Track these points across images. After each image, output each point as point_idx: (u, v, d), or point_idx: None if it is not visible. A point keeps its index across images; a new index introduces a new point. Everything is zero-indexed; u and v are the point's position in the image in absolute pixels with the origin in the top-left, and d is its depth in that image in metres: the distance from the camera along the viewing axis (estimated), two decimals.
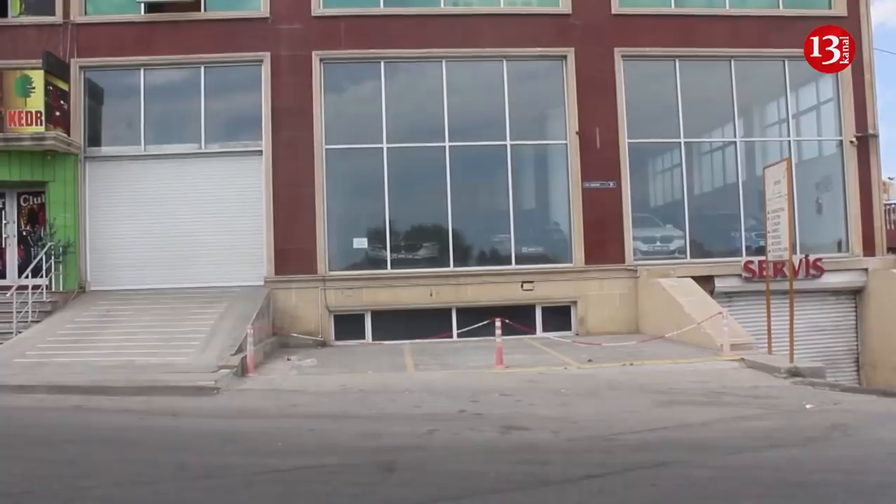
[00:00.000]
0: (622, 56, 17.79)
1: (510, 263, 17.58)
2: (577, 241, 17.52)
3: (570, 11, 17.79)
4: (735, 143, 18.37)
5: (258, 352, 13.63)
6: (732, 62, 17.98)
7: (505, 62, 17.81)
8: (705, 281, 16.80)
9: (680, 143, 18.11)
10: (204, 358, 12.93)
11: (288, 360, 14.44)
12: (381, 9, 17.86)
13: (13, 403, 10.41)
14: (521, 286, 17.25)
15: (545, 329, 17.21)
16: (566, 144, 17.76)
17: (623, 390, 10.62)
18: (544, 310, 17.48)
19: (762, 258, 15.08)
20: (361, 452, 7.35)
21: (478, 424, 8.54)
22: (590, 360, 13.24)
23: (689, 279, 16.44)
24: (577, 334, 17.25)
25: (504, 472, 6.54)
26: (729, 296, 17.07)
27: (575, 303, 17.47)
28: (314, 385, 11.64)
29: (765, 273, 14.49)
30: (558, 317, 17.50)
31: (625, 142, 17.69)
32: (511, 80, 17.84)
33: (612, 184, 17.63)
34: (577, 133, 17.55)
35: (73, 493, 6.08)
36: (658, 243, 18.20)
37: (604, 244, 17.51)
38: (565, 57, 17.74)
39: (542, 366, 12.91)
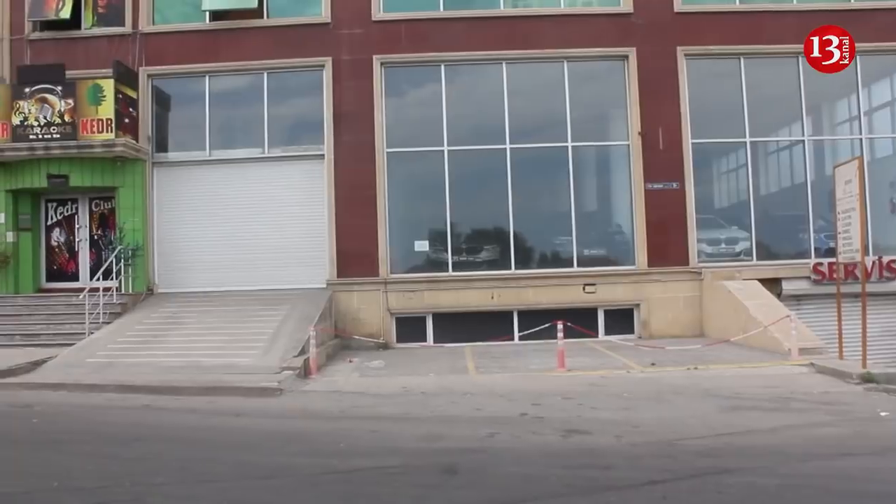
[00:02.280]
0: (685, 55, 17.49)
1: (572, 266, 17.43)
2: (640, 243, 17.29)
3: (632, 10, 17.57)
4: (803, 141, 17.90)
5: (321, 354, 13.75)
6: (800, 59, 17.47)
7: (566, 63, 17.68)
8: (772, 283, 16.41)
9: (745, 142, 17.72)
10: (267, 359, 13.10)
11: (350, 361, 14.54)
12: (441, 12, 17.90)
13: (85, 402, 10.71)
14: (583, 289, 17.09)
15: (607, 332, 17.02)
16: (628, 145, 17.55)
17: (687, 395, 10.41)
18: (606, 313, 17.29)
19: (832, 260, 14.64)
20: (423, 454, 7.36)
21: (539, 428, 8.47)
22: (653, 364, 13.04)
23: (756, 282, 16.08)
24: (640, 337, 17.00)
25: (566, 476, 6.47)
26: (797, 299, 16.62)
27: (638, 305, 17.24)
28: (376, 387, 11.70)
29: (835, 275, 14.06)
30: (621, 320, 17.27)
31: (688, 142, 17.40)
32: (572, 81, 17.70)
33: (675, 185, 17.35)
34: (639, 133, 17.33)
35: (142, 489, 6.22)
36: (723, 245, 17.84)
37: (667, 246, 17.24)
38: (627, 57, 17.53)
39: (604, 369, 12.76)
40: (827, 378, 11.46)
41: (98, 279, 16.51)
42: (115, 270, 17.07)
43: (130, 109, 17.69)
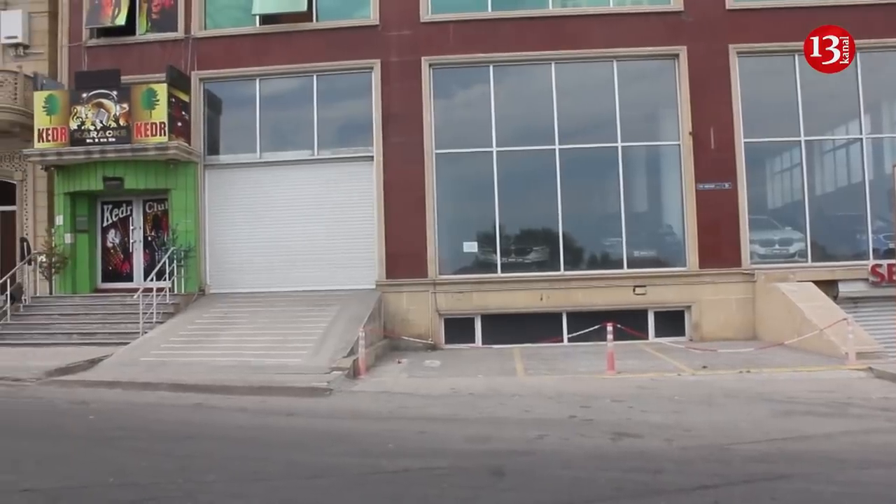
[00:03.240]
0: (737, 52, 17.19)
1: (622, 267, 17.25)
2: (691, 245, 17.04)
3: (682, 8, 17.33)
4: (861, 140, 17.46)
5: (370, 354, 13.80)
6: (859, 54, 17.03)
7: (615, 63, 17.52)
8: (828, 285, 16.04)
9: (800, 141, 17.35)
10: (317, 359, 13.19)
11: (399, 362, 14.58)
12: (490, 12, 17.87)
13: (139, 399, 10.88)
14: (633, 290, 16.91)
15: (657, 334, 16.82)
16: (679, 145, 17.31)
17: (739, 398, 10.21)
18: (657, 314, 17.06)
19: (892, 261, 14.30)
20: (471, 456, 7.33)
21: (588, 430, 8.38)
22: (704, 367, 12.82)
23: (811, 283, 15.73)
24: (691, 340, 16.74)
25: (615, 479, 6.37)
26: (854, 301, 16.23)
27: (689, 307, 16.99)
28: (424, 388, 11.69)
29: (895, 277, 13.74)
30: (671, 322, 17.04)
31: (741, 141, 17.10)
32: (621, 81, 17.52)
33: (727, 185, 17.07)
34: (690, 133, 17.09)
35: (194, 486, 6.29)
36: (777, 246, 17.50)
37: (719, 247, 16.96)
38: (677, 55, 17.30)
39: (654, 372, 12.59)
40: (886, 383, 11.14)
41: (152, 280, 16.81)
42: (167, 271, 17.35)
43: (183, 113, 17.99)
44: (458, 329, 17.25)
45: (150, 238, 18.90)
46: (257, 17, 18.47)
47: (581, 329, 16.01)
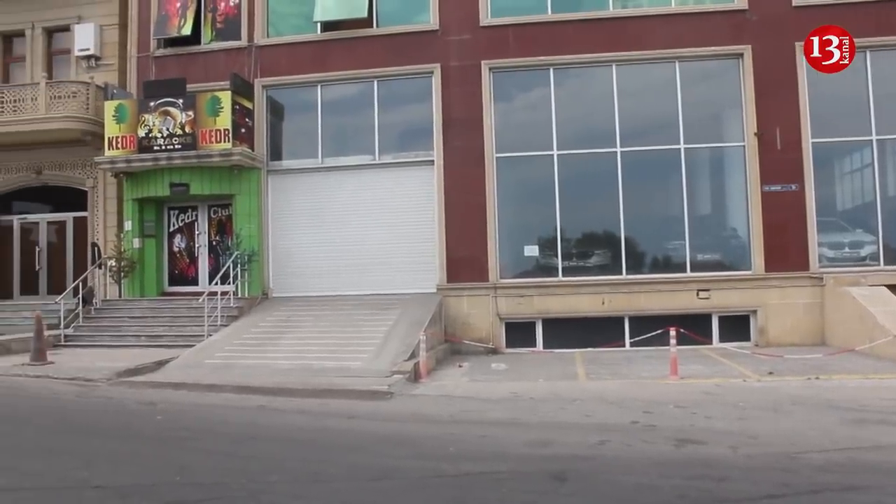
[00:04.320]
0: (804, 50, 16.77)
1: (685, 271, 16.97)
2: (757, 248, 16.67)
3: (747, 7, 16.97)
4: None
5: (430, 358, 13.83)
6: None
7: (677, 63, 17.25)
8: None
9: (871, 140, 16.80)
10: (378, 363, 13.25)
11: (460, 366, 14.57)
12: (549, 15, 17.77)
13: (204, 401, 11.08)
14: (697, 294, 16.62)
15: (722, 339, 16.47)
16: (743, 146, 16.96)
17: (807, 406, 9.91)
18: (721, 319, 16.72)
19: None
20: (532, 460, 7.27)
21: (651, 436, 8.24)
22: (770, 373, 12.51)
23: (884, 288, 15.21)
24: (757, 345, 16.36)
25: (678, 486, 6.26)
26: None
27: (754, 312, 16.61)
28: (485, 392, 11.64)
29: None
30: (736, 326, 16.67)
31: (808, 142, 16.66)
32: (684, 82, 17.25)
33: (794, 186, 16.64)
34: (755, 134, 16.72)
35: (258, 486, 6.37)
36: (846, 249, 17.00)
37: (785, 250, 16.55)
38: (741, 55, 16.95)
39: (718, 377, 12.32)
40: None
41: (216, 283, 17.09)
42: (232, 275, 17.65)
43: (246, 119, 18.31)
44: (518, 333, 17.18)
45: (214, 242, 19.28)
46: (318, 25, 18.71)
47: (643, 333, 15.78)
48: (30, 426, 9.42)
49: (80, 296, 17.94)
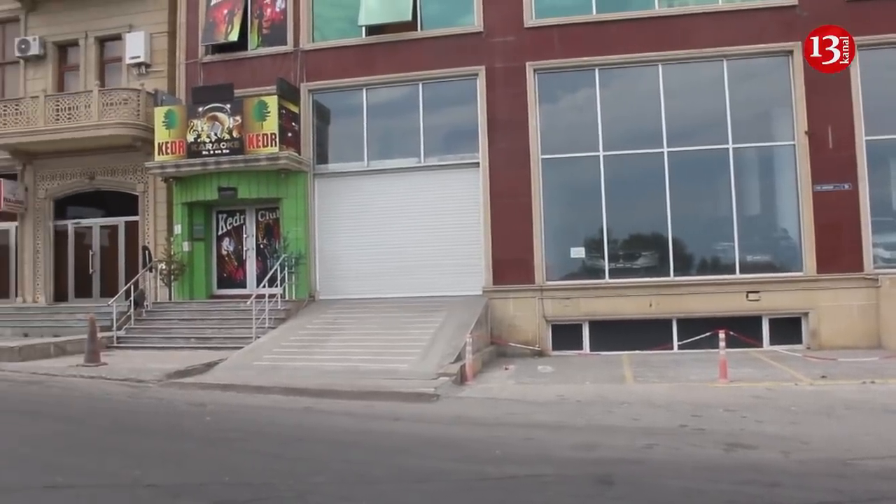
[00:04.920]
0: (858, 46, 16.28)
1: (734, 272, 16.68)
2: (808, 249, 16.33)
3: (796, 2, 16.62)
4: None
5: (476, 360, 13.81)
6: None
7: (725, 62, 16.98)
8: None
9: None
10: (424, 365, 13.27)
11: (506, 369, 14.52)
12: (594, 15, 17.64)
13: (252, 402, 11.20)
14: (746, 296, 16.33)
15: (772, 342, 16.14)
16: (794, 145, 16.63)
17: (862, 410, 9.68)
18: (771, 321, 16.37)
19: None
20: (578, 464, 7.22)
21: (699, 440, 8.12)
22: (823, 377, 12.25)
23: None
24: (809, 348, 16.01)
25: (727, 491, 6.15)
26: None
27: (806, 314, 16.26)
28: (531, 394, 11.60)
29: None
30: (787, 329, 16.32)
31: (861, 139, 16.26)
32: (732, 81, 16.96)
33: (846, 186, 16.26)
34: (805, 132, 16.39)
35: (304, 487, 6.42)
36: None
37: (838, 251, 16.18)
38: (791, 52, 16.61)
39: (769, 381, 12.11)
40: None
41: (264, 286, 17.29)
42: (279, 278, 17.81)
43: (293, 124, 18.48)
44: (565, 335, 17.06)
45: (262, 246, 19.50)
46: (363, 29, 18.82)
47: (692, 336, 15.61)
48: (84, 426, 9.64)
49: (132, 298, 18.27)
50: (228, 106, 18.15)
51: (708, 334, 14.47)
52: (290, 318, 17.21)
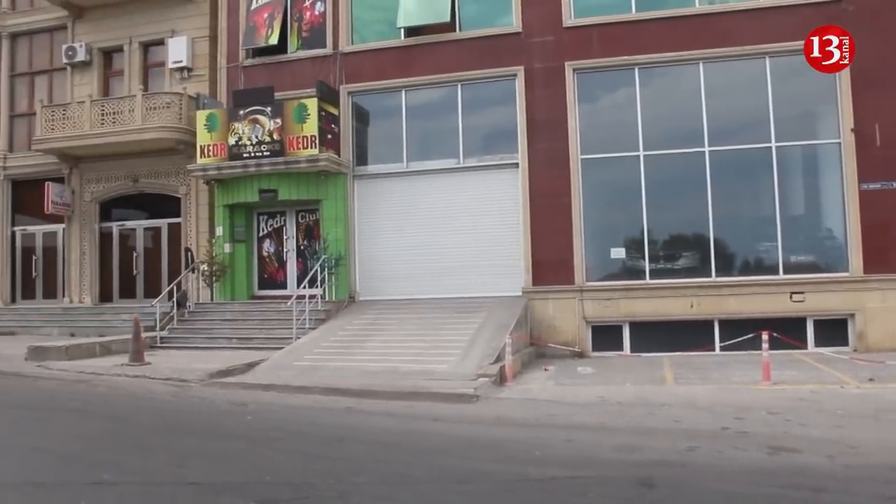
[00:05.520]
0: None
1: (777, 273, 16.42)
2: (854, 249, 16.00)
3: None
4: None
5: (516, 361, 13.76)
6: None
7: (767, 59, 16.71)
8: None
9: None
10: (464, 366, 13.26)
11: (546, 370, 14.46)
12: (633, 14, 17.49)
13: (293, 402, 11.27)
14: (790, 297, 16.07)
15: (817, 344, 15.85)
16: (839, 143, 16.31)
17: None
18: (816, 323, 16.06)
19: None
20: (619, 466, 7.18)
21: (742, 443, 8.01)
22: (871, 380, 11.97)
23: None
24: (856, 350, 15.67)
25: (772, 495, 6.07)
26: None
27: (852, 315, 15.93)
28: (571, 396, 11.53)
29: None
30: (832, 330, 15.99)
31: None
32: (774, 78, 16.67)
33: (895, 184, 15.96)
34: (852, 130, 16.06)
35: (345, 487, 6.46)
36: None
37: (886, 251, 15.83)
38: None
39: (814, 383, 11.88)
40: None
41: (304, 287, 17.42)
42: (319, 279, 17.94)
43: (332, 126, 18.60)
44: (605, 336, 16.94)
45: (302, 247, 19.64)
46: (402, 30, 18.89)
47: (734, 337, 15.43)
48: (129, 424, 9.81)
49: (175, 299, 18.53)
50: (269, 109, 18.34)
51: (750, 336, 14.30)
52: (330, 318, 17.31)
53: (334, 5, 19.54)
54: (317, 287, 17.77)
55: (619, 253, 17.30)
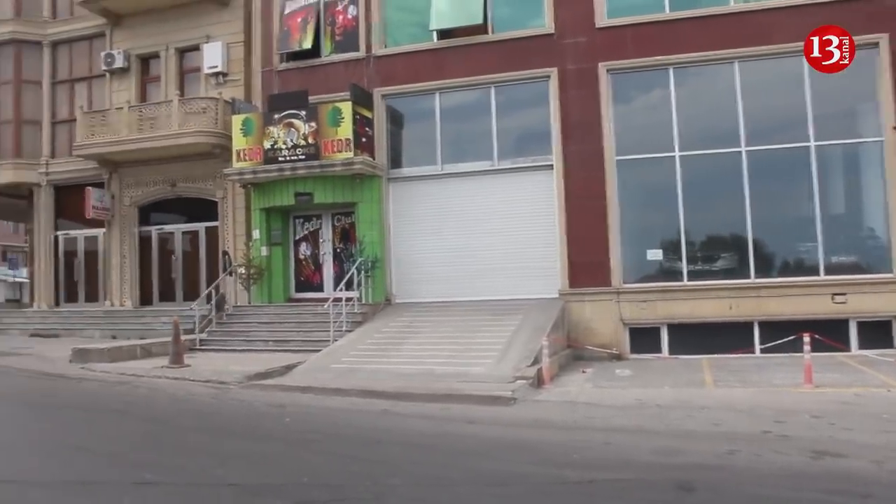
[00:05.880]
0: None
1: (818, 274, 16.15)
2: None
3: None
4: None
5: (553, 364, 13.69)
6: None
7: (804, 57, 16.47)
8: None
9: None
10: (500, 368, 13.23)
11: (583, 372, 14.39)
12: (667, 13, 17.34)
13: (330, 404, 11.33)
14: (832, 298, 15.79)
15: (861, 346, 15.54)
16: (881, 141, 16.01)
17: None
18: (859, 325, 15.76)
19: None
20: (658, 469, 7.13)
21: (784, 447, 7.89)
22: None
23: None
24: None
25: (816, 501, 5.99)
26: None
27: None
28: (609, 398, 11.46)
29: None
30: (876, 333, 15.66)
31: None
32: (812, 77, 16.25)
33: None
34: (893, 128, 15.77)
35: (381, 489, 6.49)
36: None
37: None
38: (877, 44, 15.97)
39: (858, 386, 11.65)
40: None
41: (340, 290, 17.49)
42: (355, 282, 18.00)
43: (366, 129, 18.68)
44: (643, 339, 16.80)
45: (338, 250, 19.74)
46: (434, 33, 18.92)
47: (774, 339, 15.21)
48: (169, 426, 9.96)
49: (213, 302, 18.72)
50: (303, 112, 18.46)
51: (791, 338, 14.09)
52: (366, 321, 17.37)
53: (367, 9, 19.64)
54: (353, 290, 17.84)
55: (655, 254, 17.16)
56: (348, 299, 17.32)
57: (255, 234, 19.73)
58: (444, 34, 18.87)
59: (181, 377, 13.77)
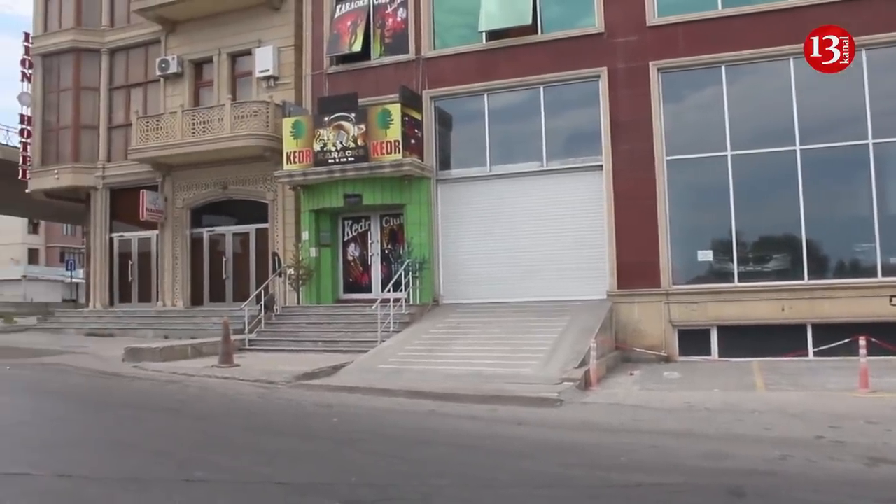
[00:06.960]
0: None
1: (875, 275, 15.71)
2: None
3: None
4: None
5: (601, 365, 13.57)
6: None
7: (864, 52, 15.96)
8: None
9: None
10: (547, 370, 13.15)
11: (631, 374, 14.23)
12: (720, 10, 17.04)
13: (378, 405, 11.35)
14: (890, 301, 15.37)
15: None
16: None
17: None
18: None
19: None
20: (707, 473, 7.02)
21: (838, 453, 7.70)
22: None
23: None
24: None
25: None
26: None
27: None
28: (657, 401, 11.31)
29: None
30: None
31: None
32: (871, 72, 15.91)
33: None
34: None
35: (428, 489, 6.49)
36: None
37: None
38: None
39: None
40: None
41: (388, 291, 17.57)
42: (403, 283, 18.07)
43: (416, 130, 18.74)
44: (692, 341, 16.55)
45: (386, 251, 19.85)
46: (483, 34, 18.90)
47: (828, 342, 14.84)
48: (219, 424, 10.13)
49: (263, 303, 18.96)
50: (353, 115, 18.59)
51: (846, 341, 13.76)
52: (414, 322, 17.41)
53: (416, 11, 19.71)
54: (401, 291, 17.90)
55: (706, 255, 16.89)
56: (396, 300, 17.38)
57: (305, 235, 19.94)
58: (493, 35, 18.84)
59: (230, 377, 13.97)
